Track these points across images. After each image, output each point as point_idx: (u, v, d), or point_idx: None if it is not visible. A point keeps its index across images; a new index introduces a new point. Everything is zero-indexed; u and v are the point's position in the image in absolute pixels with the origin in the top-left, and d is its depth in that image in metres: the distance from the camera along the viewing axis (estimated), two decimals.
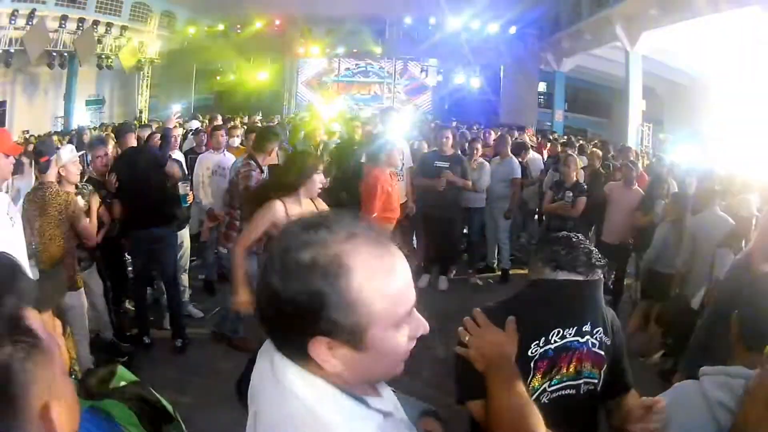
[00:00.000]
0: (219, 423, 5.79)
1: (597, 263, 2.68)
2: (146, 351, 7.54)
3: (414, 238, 10.90)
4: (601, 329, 2.88)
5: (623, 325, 8.27)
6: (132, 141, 7.65)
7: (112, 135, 14.31)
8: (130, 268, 8.29)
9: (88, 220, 6.01)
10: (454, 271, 10.76)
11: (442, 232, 9.82)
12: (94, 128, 23.78)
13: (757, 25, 17.89)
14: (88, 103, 27.34)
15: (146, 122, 19.49)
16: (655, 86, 28.21)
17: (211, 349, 7.79)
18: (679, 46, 23.46)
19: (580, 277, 2.62)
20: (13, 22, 19.36)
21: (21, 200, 6.03)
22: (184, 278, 8.40)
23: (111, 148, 8.16)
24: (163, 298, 8.11)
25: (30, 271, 5.07)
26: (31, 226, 5.54)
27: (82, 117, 26.54)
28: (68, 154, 6.45)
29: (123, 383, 2.88)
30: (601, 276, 2.75)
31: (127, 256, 8.30)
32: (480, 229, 11.46)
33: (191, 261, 8.96)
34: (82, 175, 6.77)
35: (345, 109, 33.32)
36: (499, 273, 11.28)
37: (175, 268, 7.84)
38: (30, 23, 19.95)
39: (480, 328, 2.58)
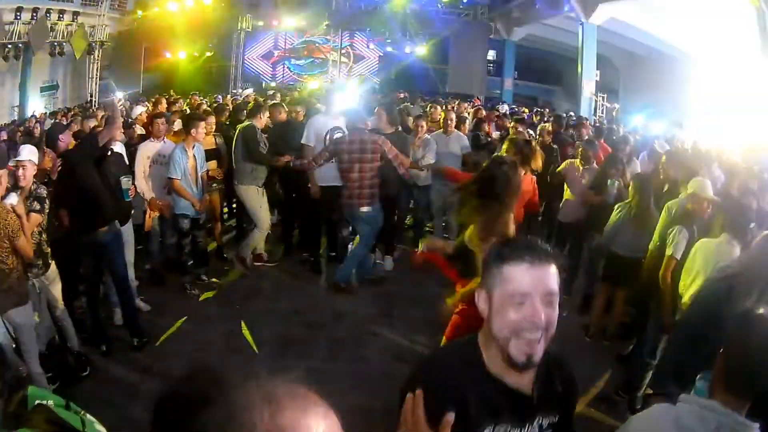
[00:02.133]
0: None
1: (544, 251, 2.44)
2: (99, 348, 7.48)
3: None
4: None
5: (576, 304, 8.34)
6: (65, 143, 7.46)
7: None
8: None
9: (24, 238, 5.79)
10: (397, 252, 10.73)
11: (383, 210, 9.57)
12: (50, 114, 23.65)
13: None
14: (42, 89, 27.15)
15: (95, 107, 19.21)
16: (611, 56, 28.32)
17: (161, 346, 7.75)
18: (637, 18, 23.49)
19: (526, 265, 2.40)
20: None
21: None
22: (131, 272, 8.23)
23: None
24: (112, 293, 8.00)
25: None
26: None
27: (37, 104, 26.26)
28: (28, 154, 6.41)
29: (37, 401, 2.87)
30: None
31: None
32: (426, 207, 11.47)
33: (136, 248, 8.82)
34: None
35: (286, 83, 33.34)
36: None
37: (125, 270, 7.74)
38: None
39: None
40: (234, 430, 1.22)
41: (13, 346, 6.25)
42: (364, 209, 8.94)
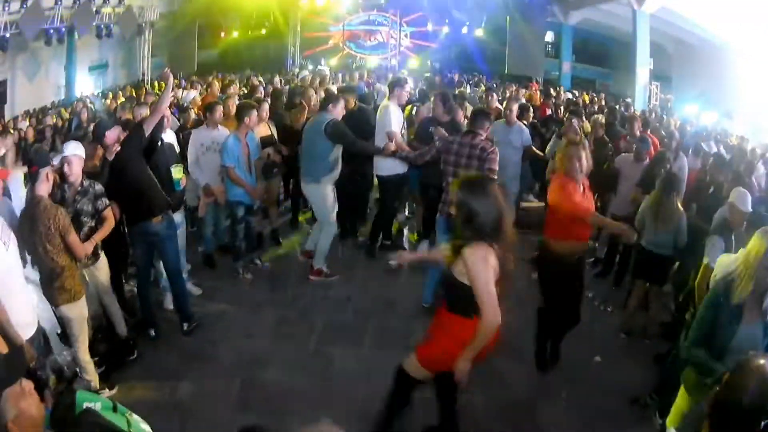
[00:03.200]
0: (217, 409, 5.79)
1: None
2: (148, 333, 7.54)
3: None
4: None
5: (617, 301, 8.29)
6: (112, 138, 7.46)
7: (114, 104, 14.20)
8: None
9: (74, 236, 5.84)
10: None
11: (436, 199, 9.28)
12: (101, 93, 23.81)
13: None
14: (91, 69, 27.21)
15: (146, 91, 19.30)
16: (664, 43, 27.98)
17: (211, 331, 7.78)
18: (687, 7, 23.17)
19: None
20: (6, 8, 19.16)
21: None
22: (183, 259, 8.31)
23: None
24: (162, 278, 8.06)
25: (27, 285, 5.07)
26: (25, 241, 5.51)
27: (86, 83, 26.45)
28: (73, 149, 6.45)
29: (85, 405, 2.90)
30: None
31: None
32: None
33: (190, 230, 9.06)
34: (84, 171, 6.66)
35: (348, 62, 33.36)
36: None
37: (177, 257, 7.77)
38: (25, 6, 19.73)
39: None
40: None
41: (58, 332, 6.35)
42: None
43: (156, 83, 25.45)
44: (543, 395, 6.57)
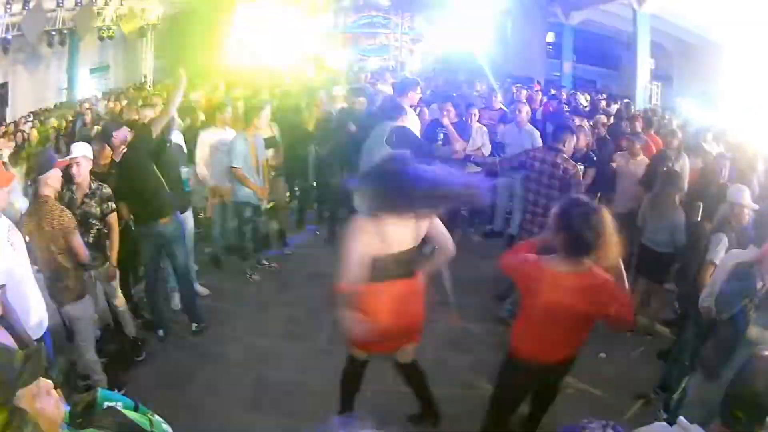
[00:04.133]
0: (227, 409, 5.84)
1: None
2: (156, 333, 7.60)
3: None
4: None
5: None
6: (119, 139, 7.49)
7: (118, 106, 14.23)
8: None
9: (78, 237, 5.87)
10: (456, 236, 10.50)
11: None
12: (103, 94, 23.83)
13: None
14: (92, 71, 27.14)
15: (150, 93, 19.26)
16: (665, 43, 28.03)
17: (220, 331, 7.84)
18: (690, 7, 23.22)
19: None
20: (8, 9, 19.17)
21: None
22: (191, 258, 8.36)
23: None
24: (171, 278, 8.14)
25: (36, 286, 5.10)
26: (31, 240, 5.53)
27: (87, 85, 26.32)
28: (81, 150, 6.49)
29: (106, 404, 2.94)
30: None
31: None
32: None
33: (197, 231, 9.00)
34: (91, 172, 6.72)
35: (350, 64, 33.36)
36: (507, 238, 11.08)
37: (185, 258, 7.82)
38: (27, 8, 19.73)
39: None
40: None
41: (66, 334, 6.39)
42: None
43: (158, 85, 25.54)
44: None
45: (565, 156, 7.48)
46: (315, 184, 12.08)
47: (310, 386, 6.42)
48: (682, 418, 3.16)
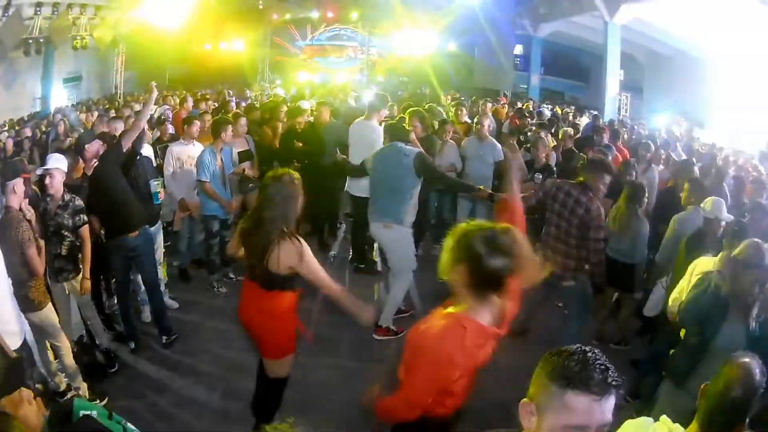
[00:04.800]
0: (198, 420, 5.89)
1: (614, 383, 2.24)
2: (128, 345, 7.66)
3: None
4: None
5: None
6: (92, 152, 7.54)
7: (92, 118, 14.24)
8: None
9: (34, 249, 5.89)
10: (420, 249, 10.46)
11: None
12: (74, 105, 23.76)
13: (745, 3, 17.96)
14: (65, 81, 27.04)
15: (121, 103, 19.28)
16: (636, 54, 28.24)
17: (190, 343, 7.92)
18: (660, 18, 23.41)
19: (593, 397, 2.21)
20: None
21: None
22: (161, 271, 8.40)
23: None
24: (141, 291, 8.18)
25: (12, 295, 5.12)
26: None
27: (60, 95, 26.23)
28: (55, 162, 6.51)
29: (82, 413, 3.01)
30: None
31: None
32: (453, 208, 11.36)
33: (165, 245, 9.02)
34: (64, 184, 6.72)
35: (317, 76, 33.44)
36: None
37: (155, 271, 7.88)
38: (6, 15, 19.65)
39: None
40: None
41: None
42: (566, 283, 7.28)
43: (128, 97, 25.54)
44: (517, 398, 6.70)
45: (591, 195, 6.95)
46: None
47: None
48: (665, 416, 3.26)
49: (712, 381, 3.40)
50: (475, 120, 11.44)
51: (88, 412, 3.15)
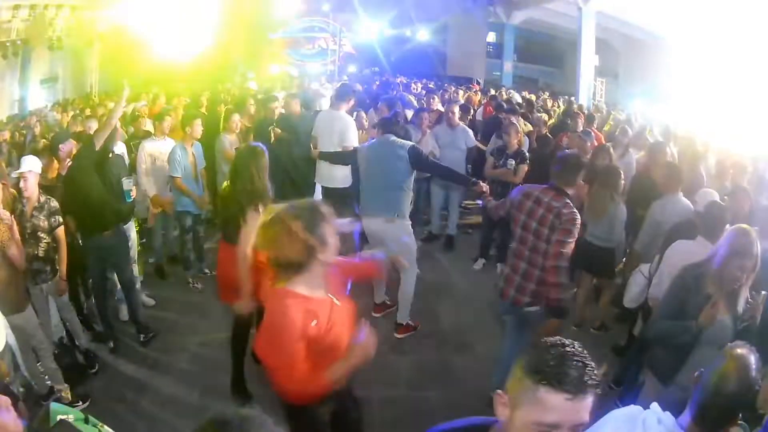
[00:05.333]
0: (179, 419, 5.90)
1: (590, 382, 2.12)
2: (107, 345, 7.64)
3: None
4: None
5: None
6: (66, 152, 7.53)
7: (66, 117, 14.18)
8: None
9: (15, 248, 5.85)
10: None
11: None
12: (53, 105, 23.67)
13: None
14: (42, 82, 26.96)
15: (96, 102, 19.23)
16: (611, 39, 28.32)
17: (168, 340, 7.90)
18: (634, 4, 23.47)
19: (566, 395, 2.08)
20: None
21: None
22: (135, 269, 8.32)
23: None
24: (117, 290, 8.15)
25: None
26: None
27: (38, 96, 26.08)
28: (29, 165, 6.45)
29: (59, 417, 3.02)
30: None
31: None
32: (426, 196, 11.48)
33: (140, 242, 8.94)
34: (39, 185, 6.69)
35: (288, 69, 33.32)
36: (444, 239, 11.39)
37: (130, 269, 7.90)
38: None
39: None
40: None
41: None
42: (528, 308, 6.06)
43: (103, 96, 25.48)
44: (495, 387, 6.71)
45: (567, 200, 5.80)
46: None
47: (254, 392, 6.48)
48: (655, 404, 3.26)
49: (707, 373, 3.37)
50: (445, 108, 11.65)
51: (64, 416, 3.15)
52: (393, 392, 6.64)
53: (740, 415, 3.32)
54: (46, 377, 6.38)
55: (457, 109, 10.97)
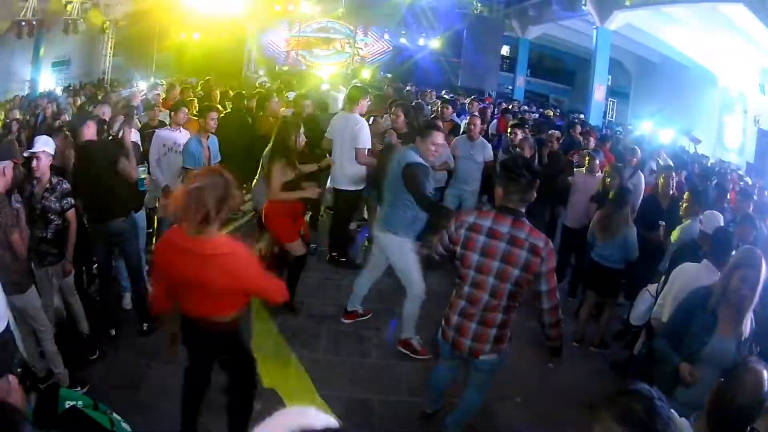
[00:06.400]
0: (179, 407, 5.90)
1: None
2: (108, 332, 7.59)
3: None
4: None
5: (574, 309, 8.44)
6: (89, 133, 7.50)
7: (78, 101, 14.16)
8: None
9: (18, 234, 5.80)
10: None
11: None
12: (65, 89, 23.68)
13: (736, 17, 18.05)
14: (54, 64, 26.95)
15: (109, 89, 19.26)
16: (623, 60, 28.34)
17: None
18: (651, 25, 23.50)
19: None
20: None
21: None
22: (143, 257, 8.30)
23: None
24: (122, 277, 8.16)
25: None
26: None
27: (49, 79, 26.23)
28: (42, 145, 6.44)
29: (68, 403, 3.03)
30: None
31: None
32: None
33: (148, 231, 9.01)
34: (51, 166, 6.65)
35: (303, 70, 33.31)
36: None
37: (139, 257, 7.87)
38: None
39: None
40: None
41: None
42: (483, 356, 5.19)
43: (115, 83, 25.54)
44: (497, 398, 6.72)
45: (530, 224, 4.89)
46: None
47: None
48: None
49: (720, 387, 3.42)
50: (468, 120, 11.58)
51: (74, 403, 3.16)
52: (394, 397, 6.62)
53: (749, 428, 3.35)
54: (45, 360, 6.38)
55: (479, 122, 10.86)
